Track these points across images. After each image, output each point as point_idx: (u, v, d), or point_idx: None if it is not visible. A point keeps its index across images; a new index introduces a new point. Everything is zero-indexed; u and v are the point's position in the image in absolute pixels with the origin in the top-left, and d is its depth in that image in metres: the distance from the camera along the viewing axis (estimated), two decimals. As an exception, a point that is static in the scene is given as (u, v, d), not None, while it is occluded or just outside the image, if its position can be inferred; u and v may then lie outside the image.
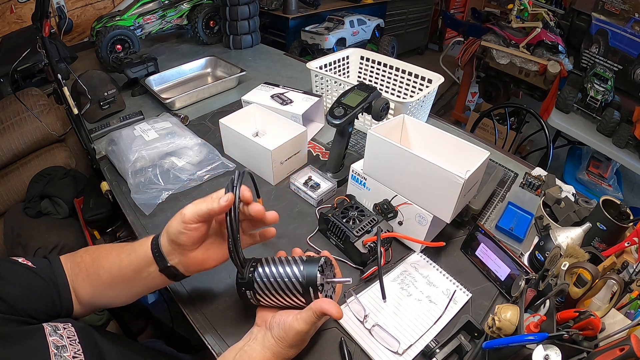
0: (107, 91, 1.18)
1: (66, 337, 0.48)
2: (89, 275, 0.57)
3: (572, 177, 2.01)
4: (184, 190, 0.89)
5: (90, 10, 1.85)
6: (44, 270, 0.55)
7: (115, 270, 0.56)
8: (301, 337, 0.53)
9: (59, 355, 0.45)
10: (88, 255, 0.59)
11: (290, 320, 0.52)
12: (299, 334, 0.52)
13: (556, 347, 0.43)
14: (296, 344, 0.53)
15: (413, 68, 1.14)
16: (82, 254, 0.60)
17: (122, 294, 0.59)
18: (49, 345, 0.45)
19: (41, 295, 0.53)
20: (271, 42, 2.38)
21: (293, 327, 0.52)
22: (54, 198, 1.19)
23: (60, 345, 0.46)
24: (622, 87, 1.88)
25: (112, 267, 0.57)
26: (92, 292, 0.57)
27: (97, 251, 0.60)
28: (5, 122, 1.27)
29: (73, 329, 0.49)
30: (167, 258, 0.54)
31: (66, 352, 0.46)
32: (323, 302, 0.51)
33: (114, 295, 0.59)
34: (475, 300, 0.68)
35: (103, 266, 0.57)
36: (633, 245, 0.61)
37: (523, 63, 2.15)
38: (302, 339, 0.54)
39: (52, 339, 0.46)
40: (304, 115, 1.03)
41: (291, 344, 0.52)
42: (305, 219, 0.83)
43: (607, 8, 1.88)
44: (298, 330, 0.51)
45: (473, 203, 0.80)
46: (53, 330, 0.47)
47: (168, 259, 0.54)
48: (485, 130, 2.26)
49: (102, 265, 0.57)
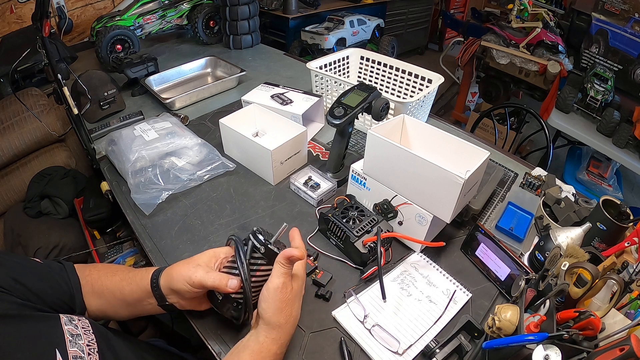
0: (107, 91, 1.18)
1: (81, 327, 0.50)
2: (94, 290, 0.61)
3: (572, 177, 2.01)
4: (184, 190, 0.89)
5: (90, 10, 1.85)
6: (60, 272, 0.58)
7: (118, 294, 0.60)
8: (282, 296, 0.52)
9: (73, 342, 0.47)
10: (96, 272, 0.63)
11: (266, 285, 0.53)
12: (277, 289, 0.52)
13: (556, 347, 0.43)
14: (281, 306, 0.52)
15: (413, 68, 1.14)
16: (90, 269, 0.63)
17: (122, 312, 0.63)
18: (64, 333, 0.47)
19: (59, 292, 0.56)
20: (271, 42, 2.38)
21: (270, 286, 0.52)
22: (54, 198, 1.19)
23: (75, 334, 0.48)
24: (622, 87, 1.88)
25: (114, 289, 0.61)
26: (97, 306, 0.61)
27: (102, 270, 0.63)
28: (5, 122, 1.27)
29: (87, 321, 0.52)
30: (166, 298, 0.59)
31: (80, 339, 0.48)
32: (283, 251, 0.53)
33: (112, 311, 0.63)
34: (475, 300, 0.68)
35: (107, 286, 0.61)
36: (633, 245, 0.61)
37: (523, 63, 2.15)
38: (284, 299, 0.52)
39: (68, 328, 0.48)
40: (304, 115, 1.03)
41: (277, 307, 0.52)
42: (305, 219, 0.83)
43: (607, 8, 1.88)
44: (275, 286, 0.52)
45: (473, 203, 0.80)
46: (69, 320, 0.49)
47: (166, 299, 0.59)
48: (485, 130, 2.26)
49: (105, 285, 0.61)
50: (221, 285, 0.54)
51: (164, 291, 0.58)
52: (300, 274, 0.58)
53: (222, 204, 0.86)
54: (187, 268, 0.56)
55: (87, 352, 0.47)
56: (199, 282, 0.54)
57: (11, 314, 0.45)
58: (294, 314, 0.55)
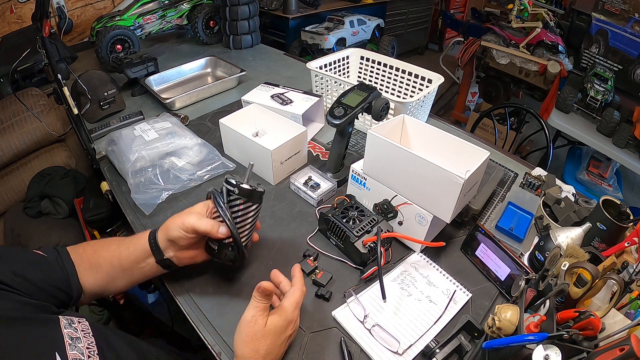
0: (107, 91, 1.18)
1: (80, 330, 0.50)
2: (91, 265, 0.62)
3: (572, 177, 2.01)
4: (184, 190, 0.89)
5: (90, 10, 1.85)
6: (56, 259, 0.59)
7: (115, 261, 0.62)
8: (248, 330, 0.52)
9: (73, 345, 0.47)
10: (90, 247, 0.64)
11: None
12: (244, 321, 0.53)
13: (556, 347, 0.43)
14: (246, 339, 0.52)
15: (413, 68, 1.14)
16: (84, 247, 0.64)
17: (121, 282, 0.65)
18: (64, 336, 0.47)
19: (56, 280, 0.57)
20: (271, 42, 2.37)
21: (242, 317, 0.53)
22: (54, 198, 1.19)
23: (74, 337, 0.48)
24: (622, 87, 1.88)
25: (112, 258, 0.62)
26: (94, 281, 0.62)
27: (97, 244, 0.65)
28: (5, 122, 1.27)
29: (87, 323, 0.52)
30: (164, 252, 0.62)
31: (80, 342, 0.48)
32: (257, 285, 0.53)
33: (111, 284, 0.64)
34: (475, 300, 0.68)
35: (104, 257, 0.62)
36: (633, 245, 0.61)
37: (523, 63, 2.15)
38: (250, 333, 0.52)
39: (67, 331, 0.48)
40: (304, 115, 1.03)
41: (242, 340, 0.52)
42: (305, 219, 0.83)
43: (607, 8, 1.88)
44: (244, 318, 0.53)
45: (473, 203, 0.80)
46: (68, 323, 0.49)
47: (164, 253, 0.62)
48: (485, 130, 2.26)
49: (102, 256, 0.62)
50: (212, 231, 0.58)
51: (162, 245, 0.61)
52: (288, 311, 0.55)
53: (222, 204, 0.86)
54: (180, 216, 0.60)
55: (87, 354, 0.47)
56: (192, 227, 0.58)
57: (11, 315, 0.45)
58: (263, 350, 0.52)
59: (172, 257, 0.62)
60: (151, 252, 0.61)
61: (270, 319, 0.54)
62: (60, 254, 0.60)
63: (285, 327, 0.55)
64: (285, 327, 0.55)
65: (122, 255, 0.62)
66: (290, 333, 0.56)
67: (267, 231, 0.79)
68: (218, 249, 0.61)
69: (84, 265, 0.61)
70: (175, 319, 1.09)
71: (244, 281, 0.69)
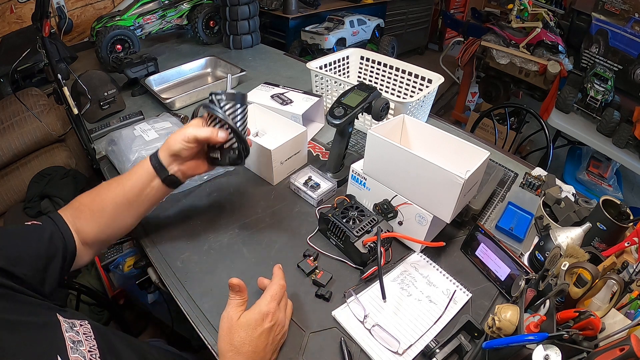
0: (107, 91, 1.18)
1: (82, 333, 0.50)
2: (92, 213, 0.65)
3: (572, 177, 2.01)
4: (184, 190, 0.89)
5: (90, 10, 1.85)
6: (49, 224, 0.61)
7: (120, 198, 0.65)
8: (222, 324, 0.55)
9: (75, 348, 0.47)
10: (86, 197, 0.67)
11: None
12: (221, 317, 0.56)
13: (556, 347, 0.43)
14: (222, 333, 0.55)
15: (413, 68, 1.14)
16: (78, 200, 0.67)
17: (127, 219, 0.68)
18: (65, 340, 0.47)
19: (58, 245, 0.59)
20: (271, 42, 2.38)
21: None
22: (54, 198, 1.18)
23: (76, 340, 0.48)
24: (622, 87, 1.88)
25: (116, 196, 0.65)
26: (97, 229, 0.65)
27: (93, 192, 0.67)
28: (5, 122, 1.27)
29: (89, 326, 0.52)
30: (168, 169, 0.66)
31: (82, 346, 0.48)
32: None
33: (118, 223, 0.68)
34: (475, 300, 0.68)
35: (107, 199, 0.65)
36: (633, 245, 0.61)
37: (523, 63, 2.15)
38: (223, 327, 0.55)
39: (69, 335, 0.48)
40: (304, 115, 1.03)
41: (220, 335, 0.55)
42: (305, 219, 0.83)
43: (607, 8, 1.88)
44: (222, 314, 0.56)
45: (473, 203, 0.80)
46: (70, 327, 0.49)
47: (168, 170, 0.66)
48: (485, 130, 2.26)
49: (104, 199, 0.65)
50: (213, 136, 0.63)
51: (165, 162, 0.66)
52: (261, 304, 0.56)
53: (222, 204, 0.86)
54: (179, 131, 0.65)
55: (88, 357, 0.47)
56: (193, 136, 0.63)
57: (11, 318, 0.45)
58: (237, 343, 0.53)
59: (176, 172, 0.67)
60: (155, 173, 0.66)
61: (244, 313, 0.55)
62: (52, 218, 0.62)
63: (261, 319, 0.55)
64: (260, 320, 0.55)
65: (126, 188, 0.65)
66: (269, 326, 0.55)
67: (267, 231, 0.79)
68: (221, 155, 0.67)
69: (84, 215, 0.64)
70: (175, 319, 1.09)
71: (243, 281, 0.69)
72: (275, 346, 0.57)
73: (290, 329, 0.62)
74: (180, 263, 0.73)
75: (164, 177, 0.66)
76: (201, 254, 0.75)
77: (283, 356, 0.59)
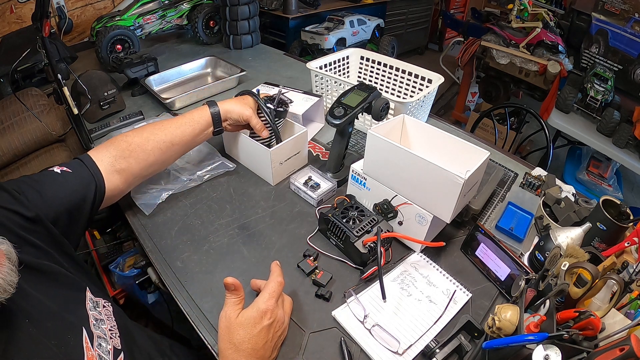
0: (107, 91, 1.18)
1: (104, 313, 0.54)
2: (145, 152, 0.74)
3: (572, 177, 2.01)
4: (184, 190, 0.89)
5: (90, 10, 1.85)
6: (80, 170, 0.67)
7: (177, 139, 0.78)
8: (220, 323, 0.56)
9: (97, 325, 0.51)
10: (136, 137, 0.75)
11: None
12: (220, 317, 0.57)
13: (556, 347, 0.43)
14: (221, 333, 0.55)
15: (413, 68, 1.14)
16: (126, 140, 0.74)
17: (172, 158, 0.81)
18: (89, 317, 0.51)
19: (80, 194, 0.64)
20: (271, 42, 2.38)
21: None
22: (54, 198, 1.18)
23: (98, 319, 0.52)
24: (622, 87, 1.88)
25: (173, 137, 0.77)
26: (145, 165, 0.75)
27: (144, 132, 0.76)
28: (5, 122, 1.27)
29: (111, 309, 0.56)
30: (222, 123, 0.85)
31: (104, 324, 0.52)
32: None
33: (164, 162, 0.80)
34: (475, 300, 0.68)
35: (161, 139, 0.76)
36: (633, 245, 0.61)
37: (523, 63, 2.15)
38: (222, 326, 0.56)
39: (92, 313, 0.52)
40: (304, 115, 1.03)
41: (219, 334, 0.56)
42: (305, 219, 0.83)
43: (607, 8, 1.88)
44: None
45: (473, 203, 0.80)
46: (93, 306, 0.53)
47: (222, 125, 0.85)
48: (485, 130, 2.26)
49: (159, 139, 0.76)
50: (259, 130, 0.86)
51: (222, 118, 0.83)
52: (259, 301, 0.56)
53: (222, 204, 0.86)
54: (241, 106, 0.84)
55: (109, 335, 0.50)
56: (248, 118, 0.84)
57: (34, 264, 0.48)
58: (236, 341, 0.53)
59: (225, 127, 0.86)
60: (213, 124, 0.82)
61: (242, 311, 0.56)
62: (84, 162, 0.68)
63: (260, 317, 0.55)
64: (259, 317, 0.55)
65: (186, 131, 0.79)
66: (268, 323, 0.55)
67: (267, 231, 0.79)
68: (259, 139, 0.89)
69: (135, 155, 0.73)
70: (175, 319, 1.09)
71: (243, 281, 0.69)
72: (276, 343, 0.57)
73: (290, 329, 0.62)
74: (180, 263, 0.73)
75: (217, 129, 0.83)
76: (201, 254, 0.75)
77: (283, 356, 0.59)
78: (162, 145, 0.76)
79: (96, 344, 0.48)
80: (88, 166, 0.67)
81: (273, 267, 0.63)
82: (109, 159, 0.71)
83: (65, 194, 0.61)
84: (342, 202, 0.78)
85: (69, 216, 0.61)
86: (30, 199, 0.55)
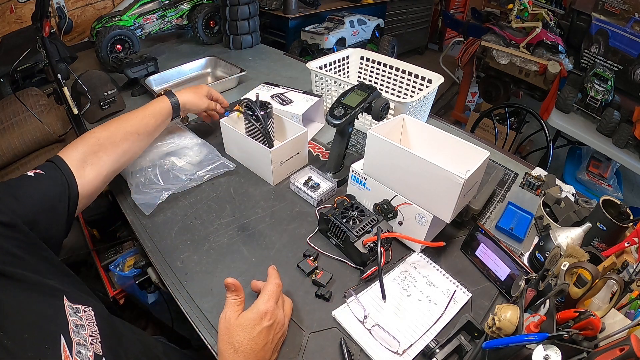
0: (107, 91, 1.18)
1: (85, 319, 0.52)
2: (114, 144, 0.76)
3: (572, 177, 2.01)
4: (184, 190, 0.89)
5: (90, 10, 1.85)
6: (52, 172, 0.66)
7: (142, 129, 0.82)
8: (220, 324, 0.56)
9: (77, 332, 0.49)
10: (103, 132, 0.77)
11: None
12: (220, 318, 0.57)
13: (556, 347, 0.43)
14: (220, 334, 0.55)
15: (413, 68, 1.14)
16: (94, 135, 0.76)
17: (139, 149, 0.84)
18: (69, 323, 0.49)
19: (60, 189, 0.65)
20: (271, 42, 2.38)
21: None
22: (54, 198, 1.18)
23: (79, 324, 0.50)
24: (622, 87, 1.88)
25: (138, 128, 0.81)
26: (115, 159, 0.77)
27: (111, 126, 0.79)
28: (5, 122, 1.27)
29: (92, 313, 0.54)
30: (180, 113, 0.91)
31: (84, 330, 0.50)
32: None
33: (131, 154, 0.82)
34: (475, 300, 0.68)
35: (127, 131, 0.79)
36: (633, 245, 0.61)
37: (523, 63, 2.15)
38: (222, 327, 0.56)
39: (72, 319, 0.50)
40: (304, 115, 1.03)
41: (218, 335, 0.56)
42: (305, 219, 0.83)
43: (607, 8, 1.88)
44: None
45: (473, 203, 0.80)
46: (73, 311, 0.51)
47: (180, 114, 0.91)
48: (485, 130, 2.26)
49: (125, 131, 0.79)
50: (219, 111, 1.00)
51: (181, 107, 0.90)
52: (259, 303, 0.57)
53: (222, 204, 0.86)
54: (198, 99, 0.94)
55: (89, 342, 0.48)
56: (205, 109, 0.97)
57: (8, 273, 0.47)
58: (236, 342, 0.53)
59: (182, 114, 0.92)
60: (172, 113, 0.88)
61: (242, 313, 0.56)
62: (55, 163, 0.68)
63: (259, 318, 0.55)
64: (259, 319, 0.55)
65: (149, 122, 0.83)
66: (267, 324, 0.55)
67: (267, 231, 0.79)
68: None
69: (104, 149, 0.74)
70: (175, 319, 1.10)
71: (243, 282, 0.69)
72: (276, 345, 0.57)
73: (290, 329, 0.62)
74: (180, 263, 0.73)
75: (175, 116, 0.89)
76: (201, 254, 0.75)
77: (283, 356, 0.59)
78: (130, 136, 0.79)
79: (75, 351, 0.46)
80: (59, 166, 0.67)
81: (270, 270, 0.63)
82: (78, 156, 0.71)
83: (39, 195, 0.61)
84: (342, 202, 0.78)
85: (45, 218, 0.60)
86: (5, 203, 0.55)
